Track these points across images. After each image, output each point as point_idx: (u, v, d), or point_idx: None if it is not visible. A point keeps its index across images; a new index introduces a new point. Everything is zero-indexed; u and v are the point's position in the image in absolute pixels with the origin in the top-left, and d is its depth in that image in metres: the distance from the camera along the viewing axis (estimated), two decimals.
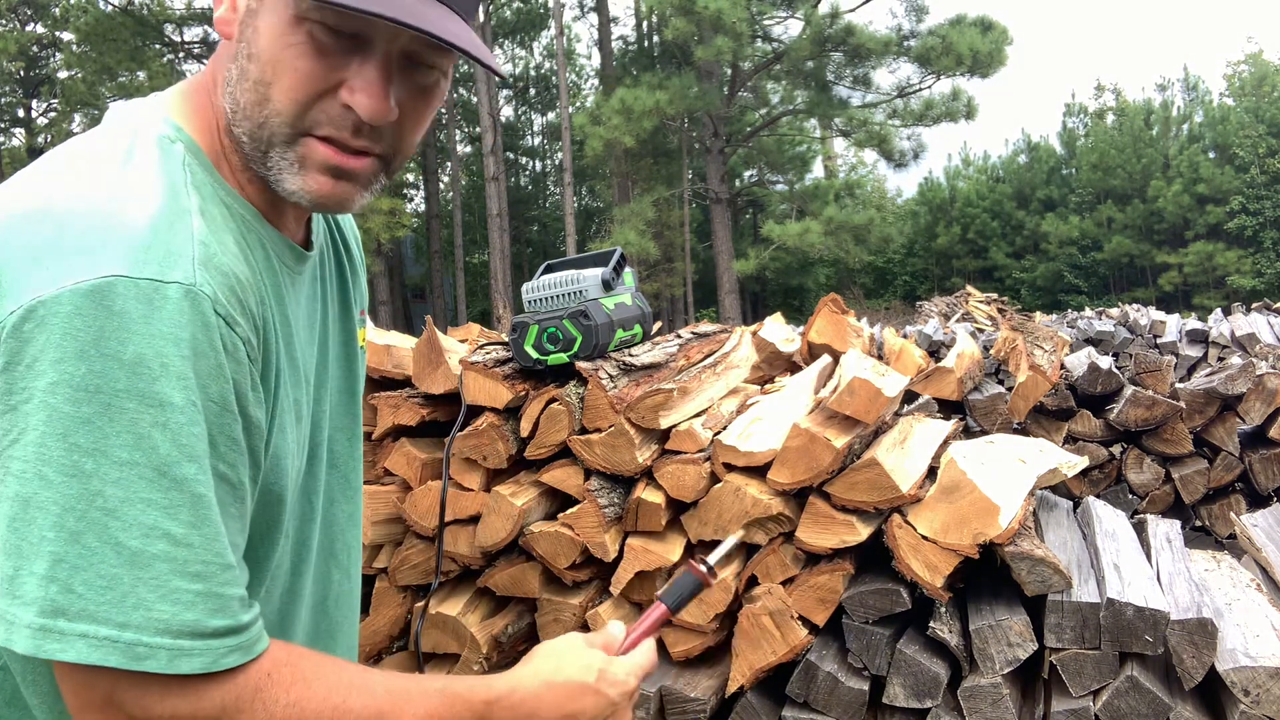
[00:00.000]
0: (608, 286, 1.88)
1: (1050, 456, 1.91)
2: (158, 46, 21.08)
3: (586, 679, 0.91)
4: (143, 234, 0.71)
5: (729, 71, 20.86)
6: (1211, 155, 28.48)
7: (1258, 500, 3.59)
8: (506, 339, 1.99)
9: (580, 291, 1.84)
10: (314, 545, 0.97)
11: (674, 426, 1.83)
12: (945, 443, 1.88)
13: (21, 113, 27.89)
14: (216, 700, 0.71)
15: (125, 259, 0.70)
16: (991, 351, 3.93)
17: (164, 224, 0.73)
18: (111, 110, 0.85)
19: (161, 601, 0.68)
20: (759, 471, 1.72)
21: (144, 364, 0.69)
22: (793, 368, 2.37)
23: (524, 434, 1.86)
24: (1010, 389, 3.51)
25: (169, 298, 0.70)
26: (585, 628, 1.81)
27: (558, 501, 1.93)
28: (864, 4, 20.73)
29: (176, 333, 0.70)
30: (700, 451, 1.79)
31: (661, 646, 1.80)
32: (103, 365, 0.67)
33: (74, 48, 21.07)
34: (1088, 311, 11.81)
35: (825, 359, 2.24)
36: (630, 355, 1.89)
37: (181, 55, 21.69)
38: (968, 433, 3.14)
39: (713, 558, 1.11)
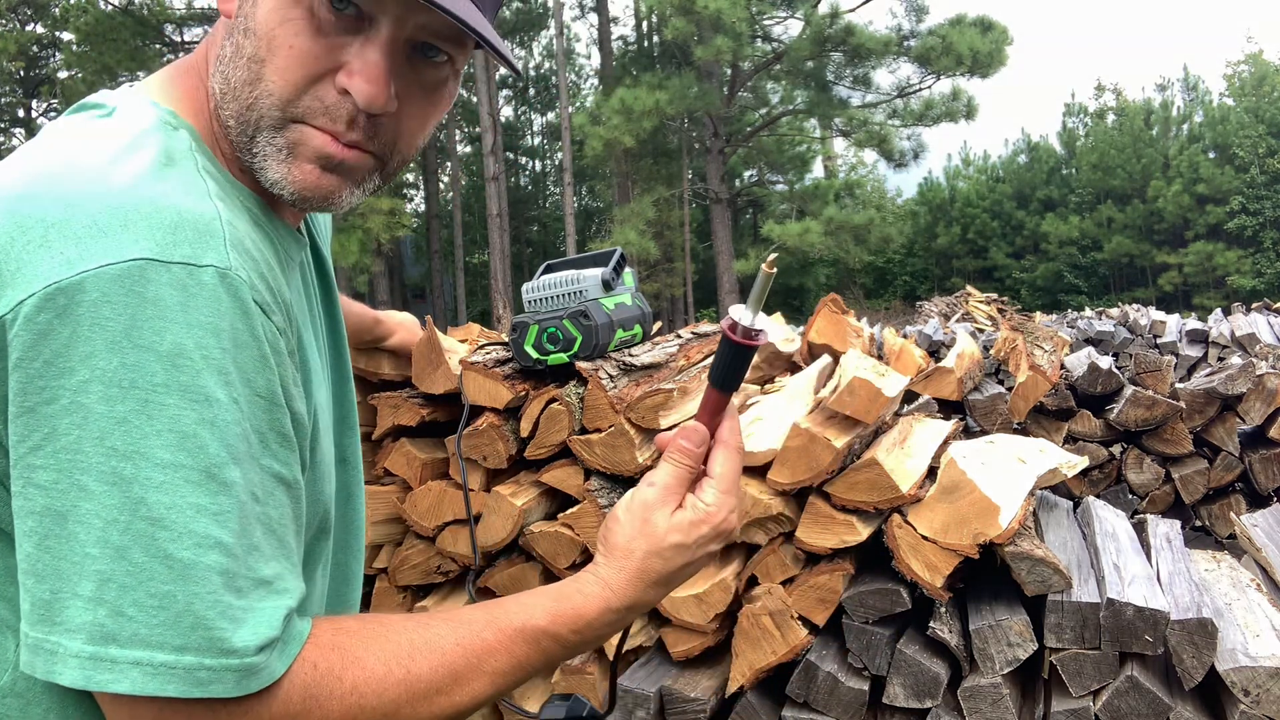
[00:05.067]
0: (608, 286, 1.88)
1: (1050, 456, 1.91)
2: (158, 46, 21.09)
3: (679, 560, 0.81)
4: (168, 213, 0.64)
5: (729, 71, 20.86)
6: (1211, 155, 28.51)
7: (1258, 500, 3.59)
8: (506, 339, 1.99)
9: (580, 291, 1.84)
10: (331, 548, 0.95)
11: (674, 426, 1.83)
12: (945, 443, 1.88)
13: (21, 113, 27.90)
14: (264, 717, 0.64)
15: (153, 241, 0.62)
16: (991, 351, 3.93)
17: (188, 203, 0.66)
18: (100, 95, 0.79)
19: (220, 619, 0.61)
20: (759, 471, 1.72)
21: (184, 355, 0.61)
22: (793, 368, 2.37)
23: (524, 434, 1.86)
24: (1010, 389, 3.51)
25: (205, 283, 0.63)
26: None
27: (558, 501, 1.93)
28: (864, 4, 20.75)
29: (216, 322, 0.63)
30: None
31: (661, 647, 1.80)
32: (137, 358, 0.60)
33: (74, 48, 21.08)
34: (1088, 311, 11.82)
35: (825, 359, 2.24)
36: (630, 355, 1.89)
37: (181, 55, 21.69)
38: (968, 433, 3.15)
39: (740, 313, 0.81)
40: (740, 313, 0.81)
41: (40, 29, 25.37)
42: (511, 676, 0.74)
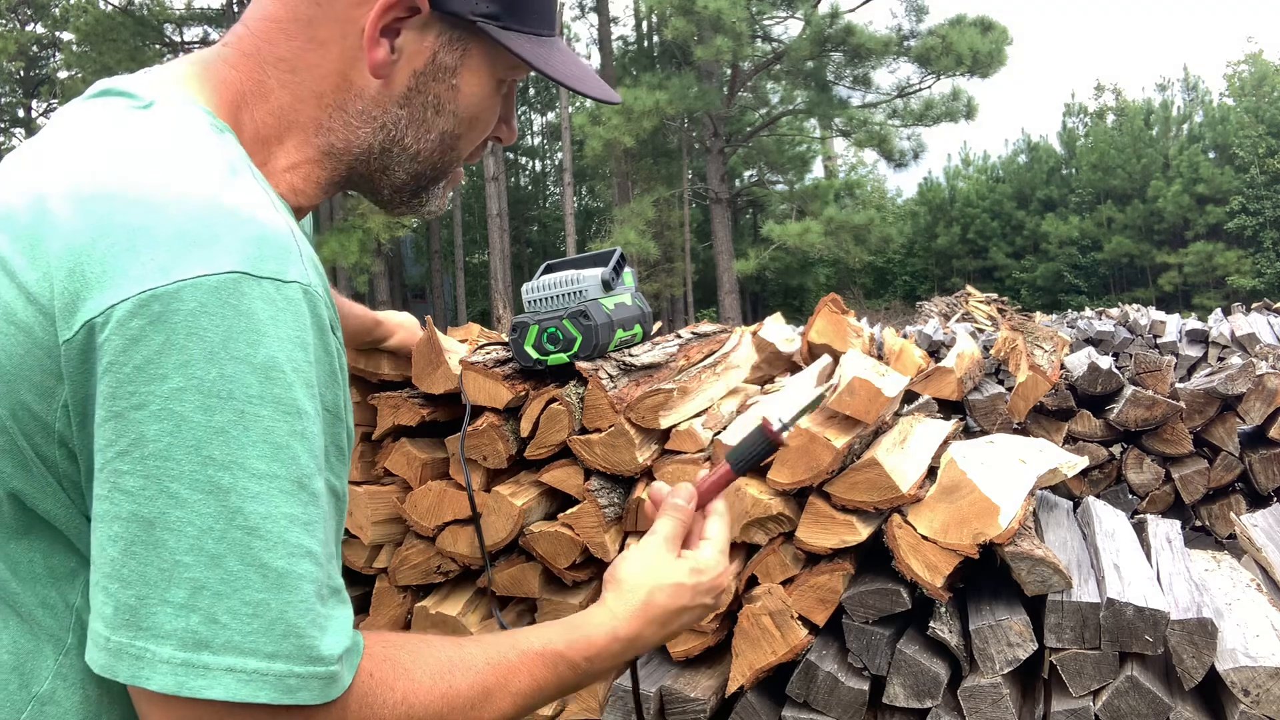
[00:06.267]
0: (608, 286, 1.88)
1: (1050, 456, 1.91)
2: (157, 46, 21.09)
3: (680, 601, 0.91)
4: (251, 226, 0.65)
5: (729, 71, 20.87)
6: (1211, 155, 28.53)
7: (1258, 500, 3.59)
8: (506, 339, 1.99)
9: (580, 291, 1.84)
10: None
11: (674, 426, 1.83)
12: (945, 443, 1.88)
13: (21, 113, 27.92)
14: None
15: (242, 254, 0.63)
16: (991, 351, 3.93)
17: (265, 216, 0.67)
18: (123, 83, 0.77)
19: (311, 626, 0.62)
20: (759, 471, 1.72)
21: (276, 368, 0.63)
22: (793, 368, 2.37)
23: (524, 434, 1.86)
24: (1010, 389, 3.51)
25: (290, 299, 0.65)
26: None
27: (558, 501, 1.93)
28: (864, 4, 20.76)
29: (302, 336, 0.65)
30: (700, 451, 1.79)
31: (661, 646, 1.79)
32: (234, 369, 0.61)
33: (74, 48, 21.08)
34: (1088, 311, 11.81)
35: (825, 359, 2.24)
36: (630, 355, 1.89)
37: (181, 54, 21.67)
38: (968, 433, 3.15)
39: (788, 413, 0.93)
40: (786, 414, 0.94)
41: (40, 29, 25.39)
42: (531, 698, 0.78)
